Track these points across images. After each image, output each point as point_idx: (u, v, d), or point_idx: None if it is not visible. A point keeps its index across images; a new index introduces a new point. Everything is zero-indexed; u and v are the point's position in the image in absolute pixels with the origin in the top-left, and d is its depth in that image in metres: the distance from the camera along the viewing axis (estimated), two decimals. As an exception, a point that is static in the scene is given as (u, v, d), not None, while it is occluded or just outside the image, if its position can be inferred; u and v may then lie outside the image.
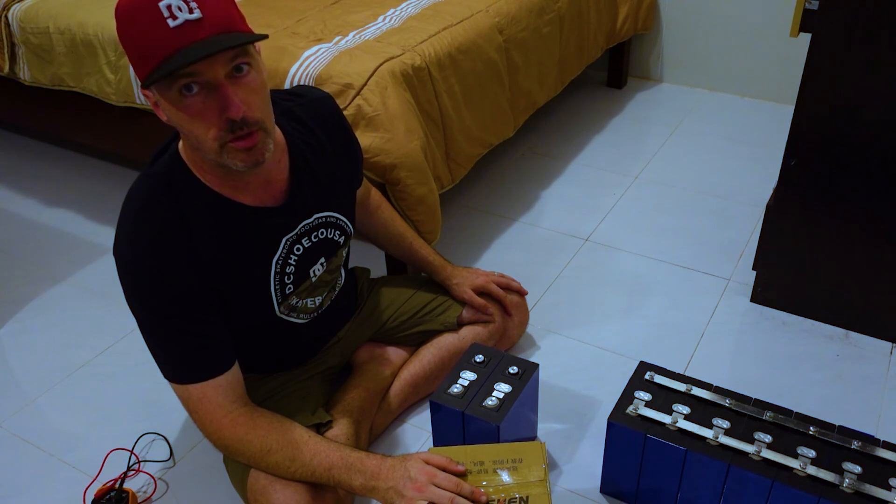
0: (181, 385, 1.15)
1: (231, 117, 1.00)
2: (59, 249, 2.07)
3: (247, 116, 1.01)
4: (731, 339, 1.67)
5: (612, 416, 1.23)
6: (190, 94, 0.98)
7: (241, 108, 1.00)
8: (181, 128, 1.04)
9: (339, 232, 1.31)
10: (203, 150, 1.05)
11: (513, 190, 2.23)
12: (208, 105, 1.00)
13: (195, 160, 1.11)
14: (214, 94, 0.99)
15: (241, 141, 1.02)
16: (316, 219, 1.25)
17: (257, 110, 1.03)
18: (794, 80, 2.25)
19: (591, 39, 2.39)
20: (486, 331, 1.53)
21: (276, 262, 1.20)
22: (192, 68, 0.96)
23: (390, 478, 1.10)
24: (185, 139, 1.09)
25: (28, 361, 1.70)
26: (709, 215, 2.08)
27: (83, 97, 2.03)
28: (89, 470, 1.42)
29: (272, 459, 1.15)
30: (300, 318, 1.31)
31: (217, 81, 0.98)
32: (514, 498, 1.12)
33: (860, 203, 1.52)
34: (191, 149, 1.10)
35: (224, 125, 1.01)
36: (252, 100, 1.02)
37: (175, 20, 0.95)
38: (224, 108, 1.00)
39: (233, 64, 0.99)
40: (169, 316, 1.10)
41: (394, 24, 1.83)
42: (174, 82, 0.97)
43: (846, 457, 1.14)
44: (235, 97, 0.99)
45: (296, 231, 1.22)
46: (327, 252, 1.29)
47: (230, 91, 0.99)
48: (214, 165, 1.09)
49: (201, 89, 0.99)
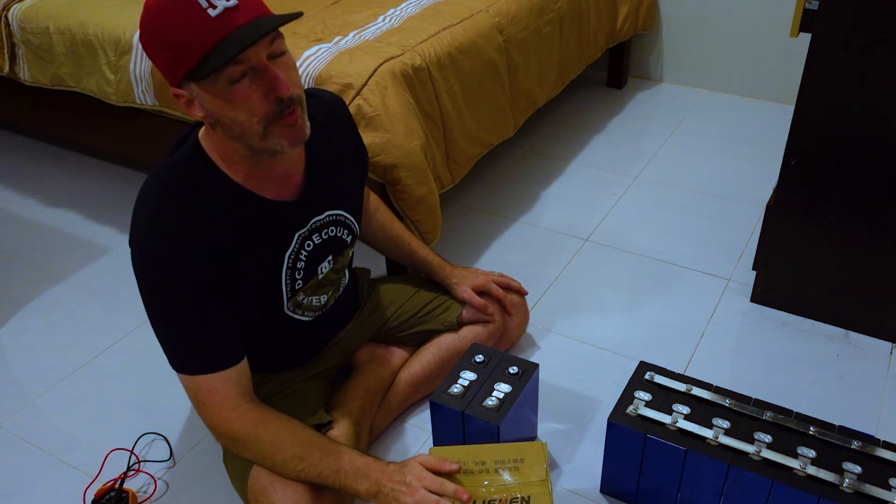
0: (190, 376, 1.15)
1: (280, 96, 1.02)
2: (59, 249, 2.07)
3: (292, 94, 1.04)
4: (731, 339, 1.67)
5: (612, 416, 1.23)
6: (237, 81, 0.99)
7: (289, 86, 1.02)
8: (223, 118, 1.04)
9: (347, 231, 1.31)
10: (246, 136, 1.05)
11: (513, 190, 2.23)
12: (255, 89, 1.01)
13: (221, 152, 1.11)
14: (261, 78, 1.01)
15: (289, 117, 1.04)
16: (327, 216, 1.25)
17: (297, 87, 1.06)
18: (794, 80, 2.25)
19: (591, 39, 2.39)
20: (486, 331, 1.53)
21: (288, 257, 1.21)
22: (241, 55, 0.97)
23: (391, 483, 1.11)
24: (224, 131, 1.07)
25: (28, 361, 1.70)
26: (709, 215, 2.08)
27: (83, 97, 2.03)
28: (89, 470, 1.42)
29: (280, 457, 1.15)
30: (305, 315, 1.31)
31: (262, 64, 1.00)
32: (515, 498, 1.12)
33: (860, 203, 1.52)
34: (223, 140, 1.09)
35: (272, 106, 1.02)
36: (292, 76, 1.05)
37: (215, 9, 0.96)
38: (272, 88, 1.01)
39: (273, 45, 1.01)
40: (183, 306, 1.11)
41: (394, 24, 1.83)
42: (222, 72, 0.98)
43: (846, 457, 1.14)
44: (281, 76, 1.01)
45: (307, 227, 1.22)
46: (335, 250, 1.30)
47: (277, 72, 1.01)
48: (246, 156, 1.10)
49: (246, 75, 1.00)
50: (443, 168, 1.76)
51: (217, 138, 1.10)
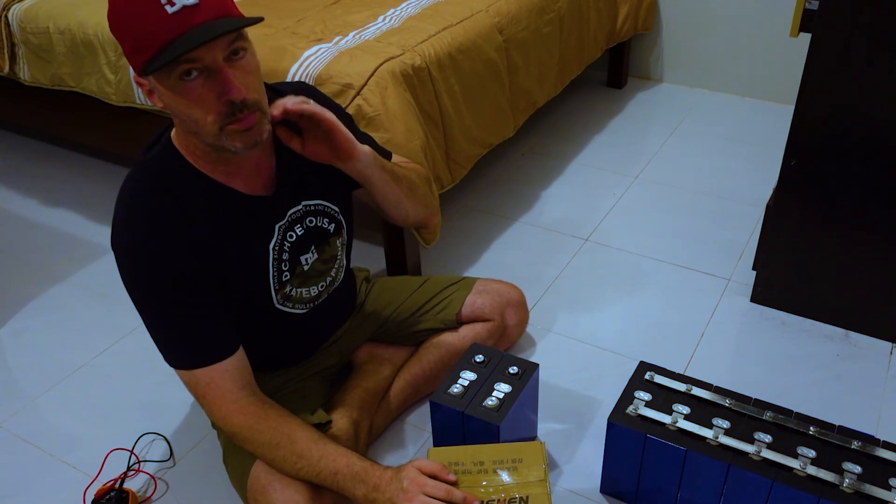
0: (187, 371, 1.15)
1: (231, 99, 1.02)
2: (59, 249, 2.07)
3: (246, 98, 1.03)
4: (731, 339, 1.67)
5: (612, 416, 1.23)
6: (189, 78, 1.00)
7: (241, 91, 1.02)
8: (179, 113, 1.05)
9: (329, 220, 1.30)
10: (202, 133, 1.06)
11: (513, 190, 2.23)
12: (208, 89, 1.01)
13: (189, 146, 1.12)
14: (214, 79, 1.01)
15: (240, 122, 1.04)
16: (304, 206, 1.25)
17: (255, 91, 1.05)
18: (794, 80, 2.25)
19: (591, 39, 2.39)
20: (486, 330, 1.53)
21: (273, 249, 1.22)
22: (193, 54, 0.97)
23: (388, 490, 1.11)
24: (181, 125, 1.10)
25: (28, 361, 1.70)
26: (709, 215, 2.08)
27: (83, 97, 2.03)
28: (89, 470, 1.42)
29: (279, 453, 1.15)
30: (297, 308, 1.31)
31: (216, 66, 1.00)
32: (514, 498, 1.12)
33: (860, 203, 1.52)
34: (185, 135, 1.11)
35: (224, 108, 1.02)
36: (249, 82, 1.04)
37: (173, 6, 0.96)
38: (224, 91, 1.01)
39: (231, 48, 1.01)
40: (168, 300, 1.11)
41: (394, 24, 1.83)
42: (175, 68, 0.99)
43: (846, 457, 1.14)
44: (235, 80, 1.01)
45: (286, 219, 1.23)
46: (317, 240, 1.29)
47: (230, 74, 1.01)
48: (208, 150, 1.10)
49: (200, 74, 1.00)
50: (443, 168, 1.76)
51: (182, 134, 1.12)
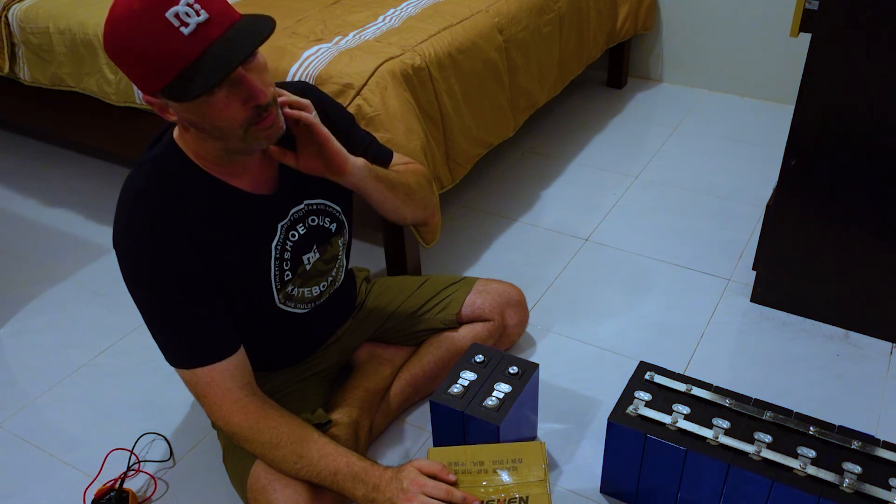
0: (187, 370, 1.15)
1: (259, 104, 1.02)
2: (59, 249, 2.07)
3: (269, 98, 1.04)
4: (731, 339, 1.67)
5: (612, 416, 1.23)
6: (214, 93, 0.99)
7: (265, 93, 1.03)
8: (201, 125, 1.04)
9: (330, 219, 1.30)
10: (227, 139, 1.06)
11: (513, 190, 2.23)
12: (232, 98, 1.01)
13: (195, 147, 1.12)
14: (237, 87, 1.00)
15: (265, 121, 1.05)
16: (306, 205, 1.25)
17: (271, 87, 1.06)
18: (794, 80, 2.25)
19: (592, 39, 2.39)
20: (486, 330, 1.53)
21: (275, 248, 1.22)
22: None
23: (387, 490, 1.11)
24: (199, 133, 1.08)
25: (28, 361, 1.70)
26: (709, 215, 2.08)
27: (83, 97, 2.03)
28: (89, 470, 1.42)
29: (279, 453, 1.15)
30: (299, 307, 1.31)
31: (237, 74, 1.00)
32: (513, 498, 1.12)
33: (860, 203, 1.52)
34: (199, 139, 1.09)
35: (251, 112, 1.03)
36: (266, 79, 1.05)
37: (188, 27, 0.95)
38: (250, 97, 1.01)
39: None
40: (169, 299, 1.11)
41: (394, 24, 1.83)
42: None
43: (846, 457, 1.14)
44: (256, 83, 1.01)
45: (288, 218, 1.23)
46: (320, 240, 1.29)
47: (252, 80, 1.01)
48: (220, 153, 1.10)
49: (222, 85, 1.00)
50: (443, 168, 1.76)
51: (190, 137, 1.11)
